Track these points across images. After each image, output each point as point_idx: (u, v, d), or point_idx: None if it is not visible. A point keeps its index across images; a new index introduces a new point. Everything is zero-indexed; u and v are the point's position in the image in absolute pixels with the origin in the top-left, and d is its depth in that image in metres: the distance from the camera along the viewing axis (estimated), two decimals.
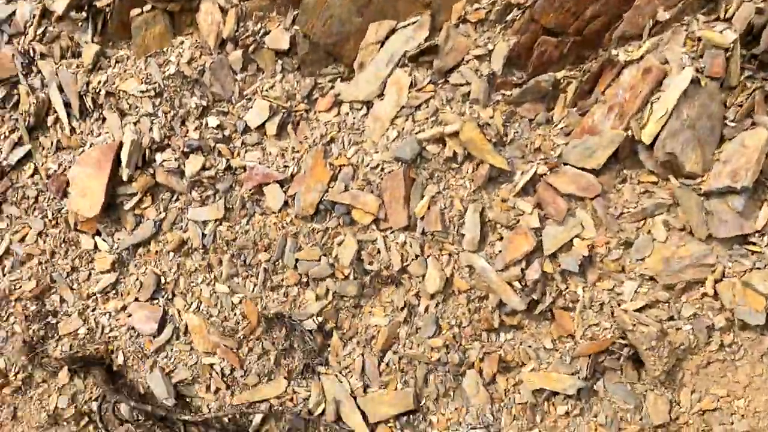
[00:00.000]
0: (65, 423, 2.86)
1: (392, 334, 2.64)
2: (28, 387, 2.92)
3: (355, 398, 2.64)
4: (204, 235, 2.79)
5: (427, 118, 2.57)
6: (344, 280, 2.66)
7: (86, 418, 2.85)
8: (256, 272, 2.75)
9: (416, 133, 2.56)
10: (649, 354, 2.34)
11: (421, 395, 2.63)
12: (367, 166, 2.64)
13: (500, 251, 2.51)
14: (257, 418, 2.69)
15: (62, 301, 2.93)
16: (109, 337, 2.87)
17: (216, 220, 2.78)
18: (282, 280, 2.73)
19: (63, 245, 2.94)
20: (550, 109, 2.50)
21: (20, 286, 2.93)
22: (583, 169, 2.41)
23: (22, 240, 2.97)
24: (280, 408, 2.67)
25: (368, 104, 2.67)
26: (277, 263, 2.73)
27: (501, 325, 2.57)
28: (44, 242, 2.95)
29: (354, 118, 2.68)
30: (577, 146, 2.41)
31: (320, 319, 2.67)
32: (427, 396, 2.63)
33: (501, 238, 2.52)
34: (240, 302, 2.76)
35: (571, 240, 2.44)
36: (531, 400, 2.53)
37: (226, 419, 2.73)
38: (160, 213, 2.85)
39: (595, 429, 2.48)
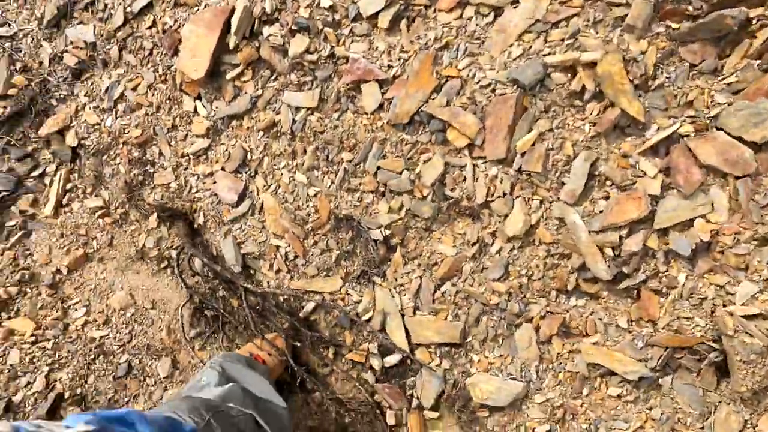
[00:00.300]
0: (149, 261, 3.21)
1: (456, 266, 2.54)
2: (123, 222, 3.27)
3: (403, 316, 2.65)
4: (294, 122, 2.75)
5: (562, 40, 2.18)
6: (421, 199, 2.55)
7: (166, 262, 3.17)
8: (336, 170, 2.71)
9: (544, 55, 2.21)
10: (741, 367, 2.04)
11: (468, 333, 2.57)
12: (477, 83, 2.36)
13: (601, 211, 2.22)
14: (309, 306, 2.83)
15: (160, 154, 3.13)
16: (194, 197, 3.07)
17: (308, 109, 2.72)
18: (360, 184, 2.67)
19: (168, 102, 3.07)
20: (723, 57, 2.00)
21: (128, 132, 3.15)
22: (740, 139, 1.96)
23: (134, 89, 3.14)
24: (332, 303, 2.76)
25: (498, 11, 2.32)
26: (358, 166, 2.66)
27: (575, 288, 2.36)
28: (152, 95, 3.10)
29: (477, 24, 2.36)
30: (743, 110, 1.94)
31: (388, 232, 2.62)
32: (475, 335, 2.56)
33: (607, 197, 2.21)
34: (315, 195, 2.77)
35: (693, 219, 2.08)
36: (583, 372, 2.38)
37: (281, 298, 2.90)
38: (258, 89, 2.83)
39: (646, 420, 2.30)
